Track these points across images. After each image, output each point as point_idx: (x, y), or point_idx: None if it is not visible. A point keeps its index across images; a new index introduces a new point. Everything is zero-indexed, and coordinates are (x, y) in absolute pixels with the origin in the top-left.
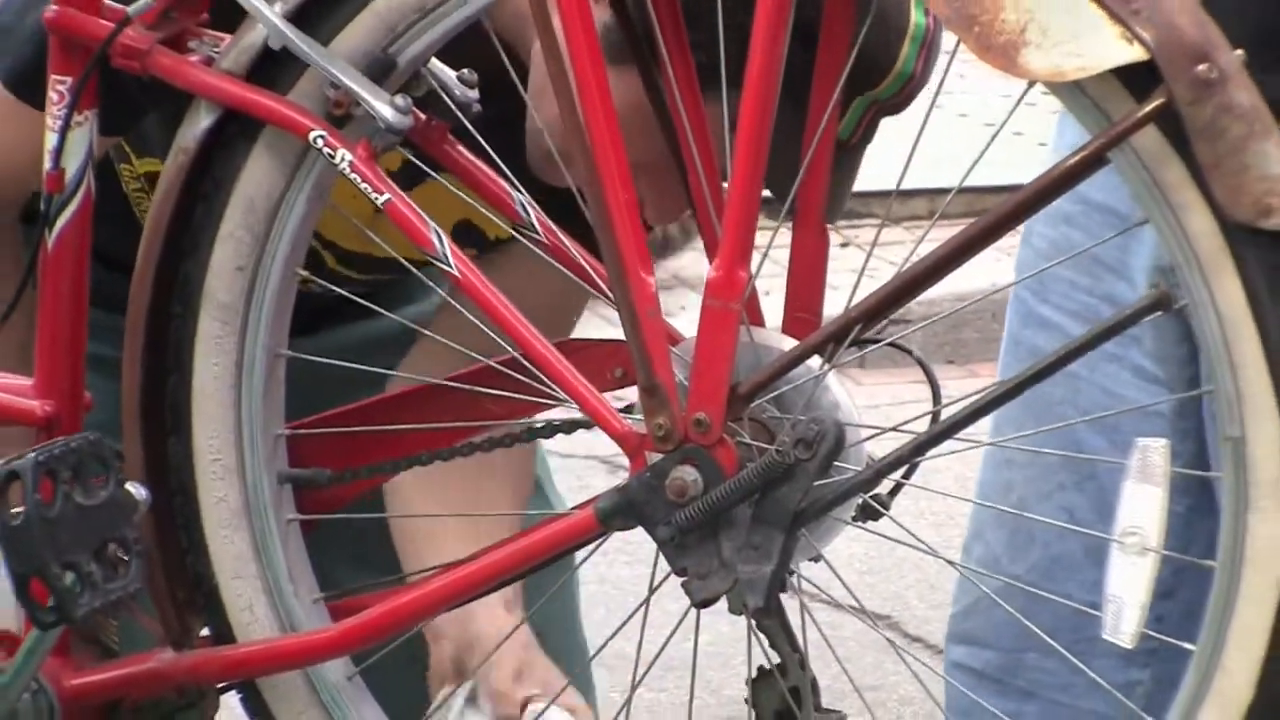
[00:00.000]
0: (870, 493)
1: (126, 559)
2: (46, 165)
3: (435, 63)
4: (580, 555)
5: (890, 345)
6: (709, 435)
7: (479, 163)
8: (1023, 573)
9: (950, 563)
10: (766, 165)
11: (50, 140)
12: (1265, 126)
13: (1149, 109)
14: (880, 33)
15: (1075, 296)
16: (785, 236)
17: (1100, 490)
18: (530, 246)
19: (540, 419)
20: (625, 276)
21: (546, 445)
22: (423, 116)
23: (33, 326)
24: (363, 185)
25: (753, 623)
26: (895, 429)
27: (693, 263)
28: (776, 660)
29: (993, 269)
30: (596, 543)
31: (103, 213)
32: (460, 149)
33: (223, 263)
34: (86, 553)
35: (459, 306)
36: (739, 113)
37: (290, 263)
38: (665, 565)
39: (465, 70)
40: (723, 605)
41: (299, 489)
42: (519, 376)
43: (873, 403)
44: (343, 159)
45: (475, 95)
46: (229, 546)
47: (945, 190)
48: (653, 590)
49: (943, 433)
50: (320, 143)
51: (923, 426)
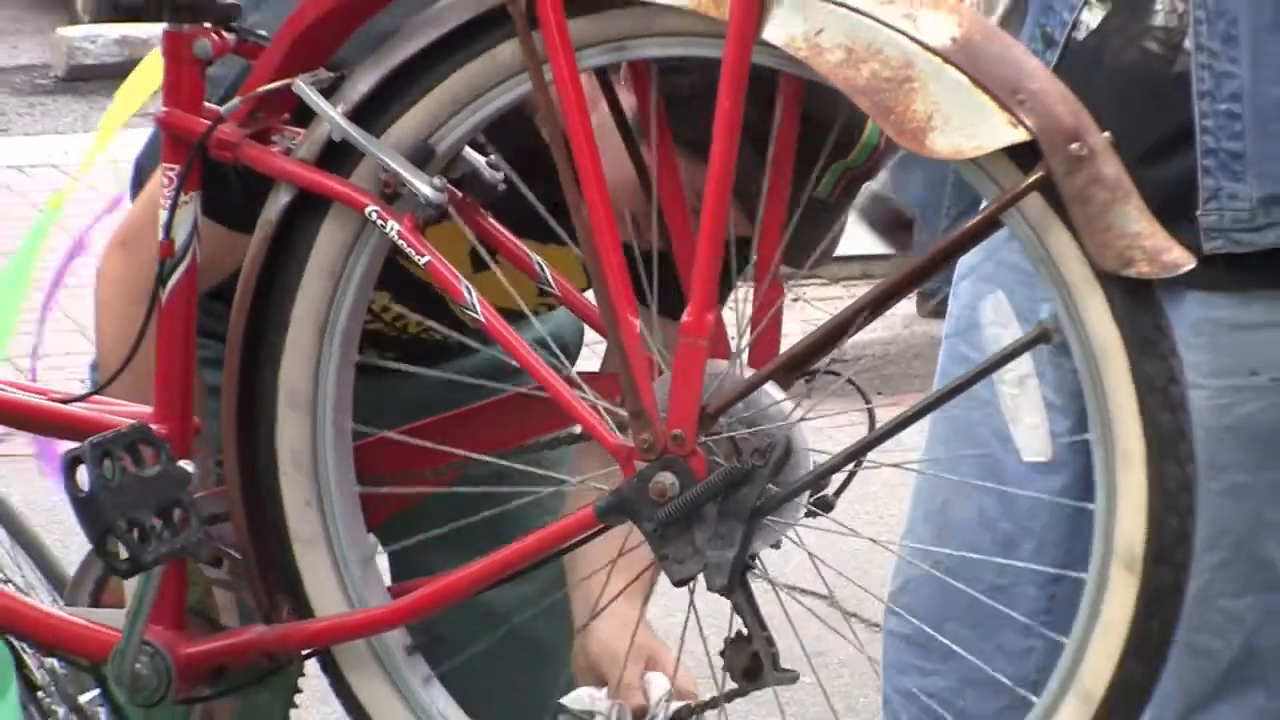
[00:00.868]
0: (817, 494)
1: (187, 519)
2: (159, 236)
3: (468, 151)
4: None
5: (829, 374)
6: (684, 447)
7: (504, 230)
8: (945, 559)
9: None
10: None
11: (162, 216)
12: (1126, 193)
13: (1032, 180)
14: (848, 109)
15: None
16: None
17: (1005, 495)
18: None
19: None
20: (618, 325)
21: None
22: (458, 194)
23: (151, 365)
24: (408, 249)
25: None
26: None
27: None
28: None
29: (910, 317)
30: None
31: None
32: (489, 219)
33: (301, 309)
34: (149, 513)
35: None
36: (703, 196)
37: (353, 312)
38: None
39: (492, 156)
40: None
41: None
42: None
43: (817, 425)
44: (392, 228)
45: (500, 177)
46: (310, 552)
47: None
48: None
49: (872, 442)
50: (374, 215)
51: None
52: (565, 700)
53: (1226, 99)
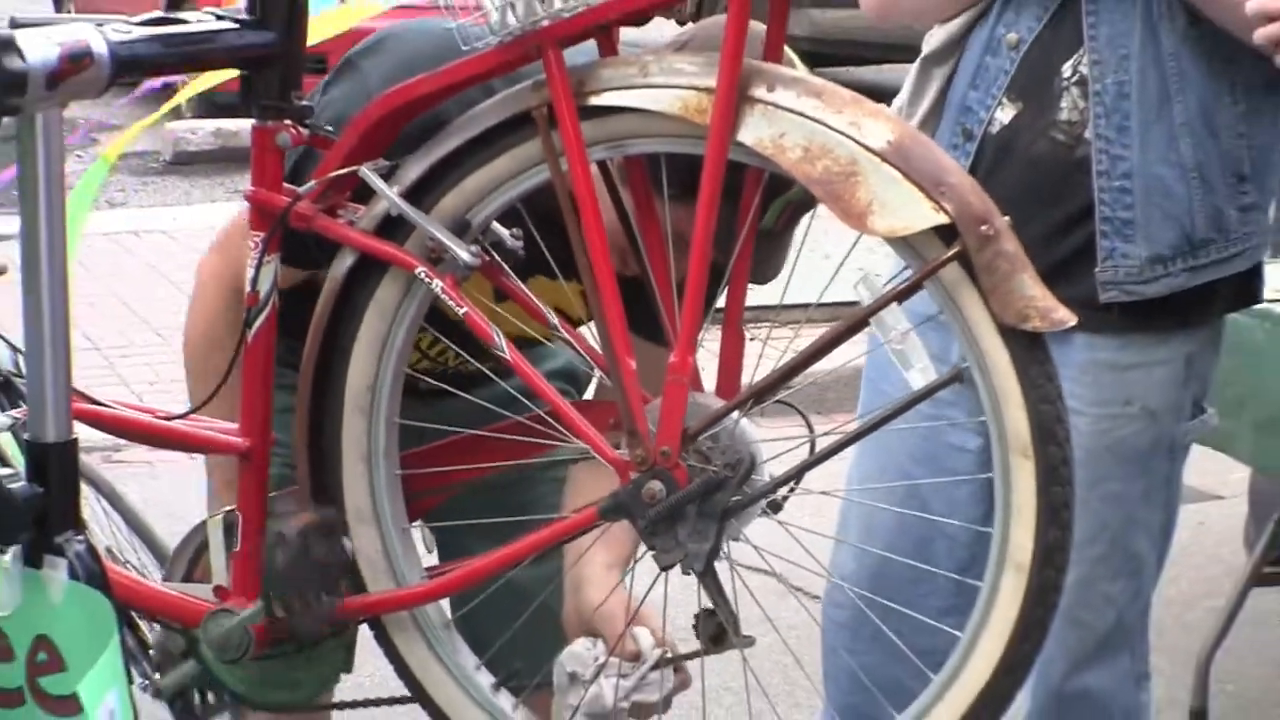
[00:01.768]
0: (771, 497)
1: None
2: (246, 288)
3: (496, 225)
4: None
5: (780, 402)
6: (670, 461)
7: (522, 287)
8: (869, 557)
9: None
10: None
11: (249, 273)
12: (1023, 265)
13: (950, 254)
14: None
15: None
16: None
17: (920, 502)
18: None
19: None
20: (618, 363)
21: None
22: (488, 257)
23: (238, 391)
24: (449, 302)
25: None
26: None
27: None
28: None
29: (849, 351)
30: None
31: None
32: (511, 278)
33: (360, 350)
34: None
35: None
36: (689, 266)
37: (402, 348)
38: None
39: (515, 230)
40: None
41: (409, 500)
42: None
43: (769, 442)
44: (436, 285)
45: (520, 245)
46: (366, 536)
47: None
48: (635, 562)
49: (814, 462)
50: (422, 275)
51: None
52: (567, 651)
53: (1120, 177)
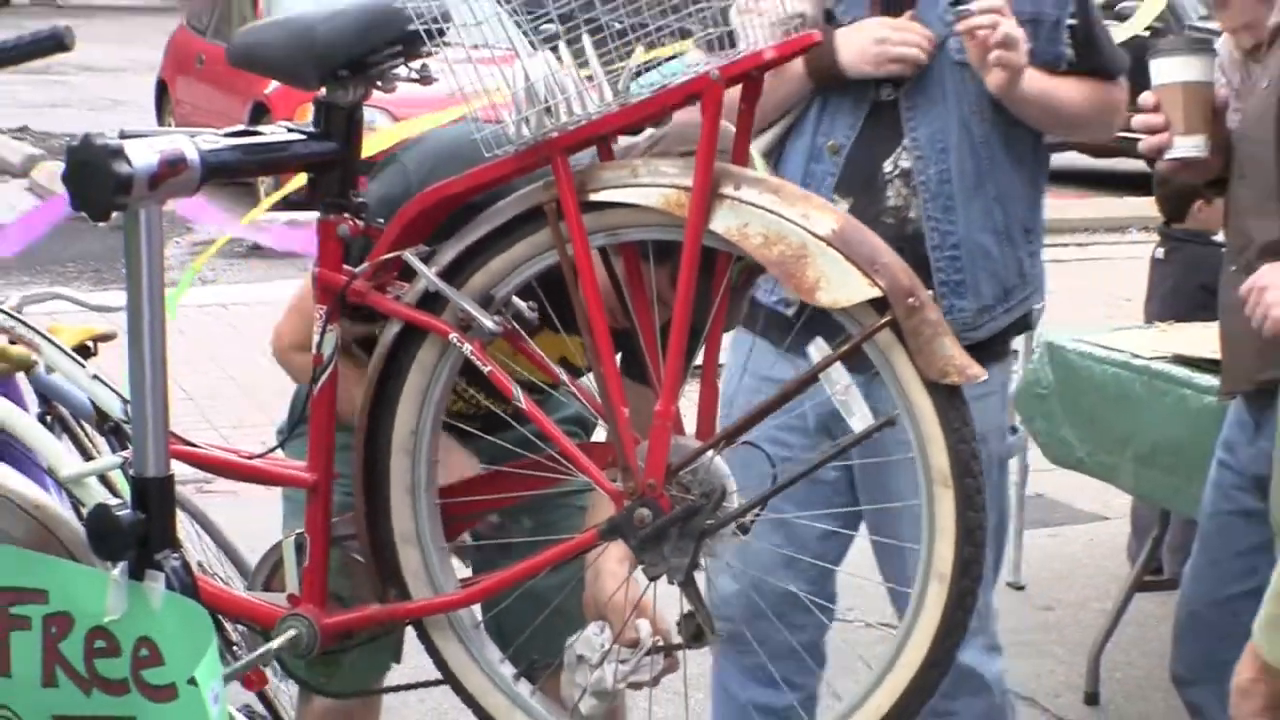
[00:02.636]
0: (740, 520)
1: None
2: (313, 351)
3: (515, 299)
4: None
5: (746, 443)
6: (656, 492)
7: (537, 350)
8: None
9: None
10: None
11: (315, 339)
12: (944, 330)
13: (883, 321)
14: None
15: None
16: None
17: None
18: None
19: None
20: (614, 414)
21: None
22: (509, 325)
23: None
24: (477, 362)
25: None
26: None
27: None
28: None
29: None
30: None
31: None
32: (528, 342)
33: (405, 402)
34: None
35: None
36: (671, 330)
37: (440, 404)
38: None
39: (531, 303)
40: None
41: (446, 523)
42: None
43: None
44: (466, 349)
45: (535, 315)
46: (410, 554)
47: None
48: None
49: (774, 492)
50: (455, 340)
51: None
52: (579, 636)
53: (950, 248)
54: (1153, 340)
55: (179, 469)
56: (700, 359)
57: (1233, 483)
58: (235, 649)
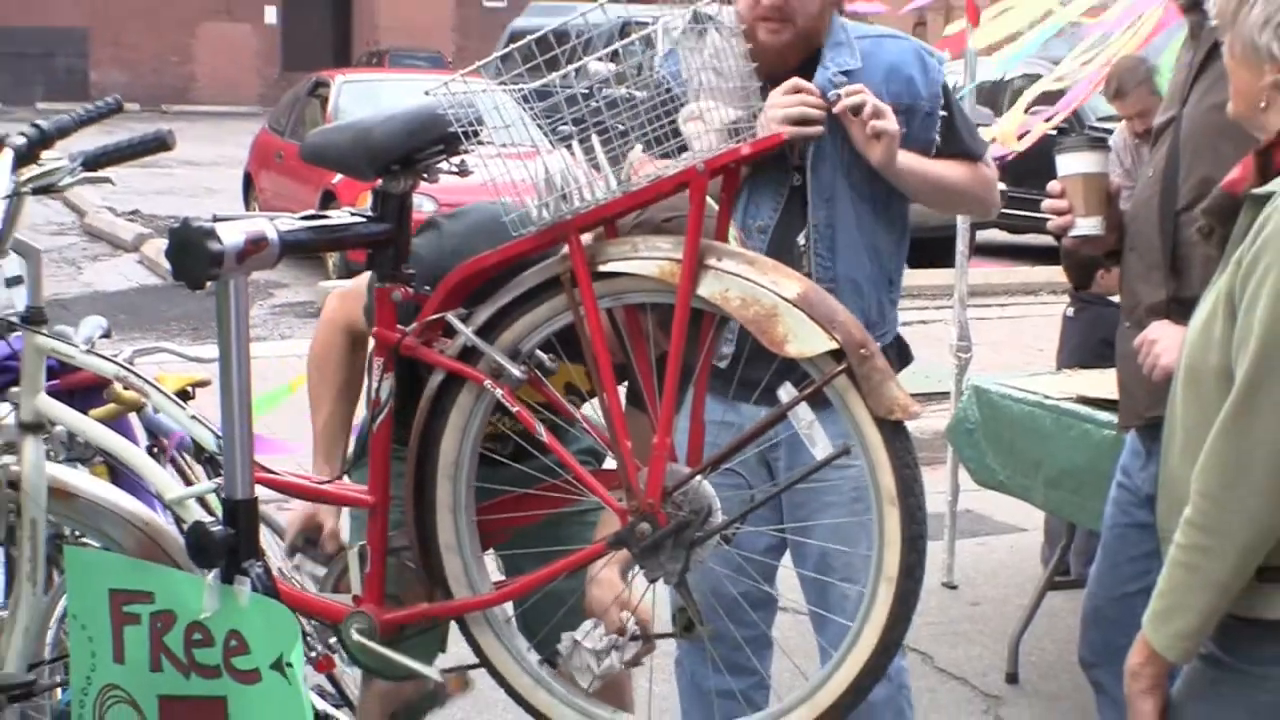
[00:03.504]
0: (723, 532)
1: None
2: (370, 396)
3: (538, 352)
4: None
5: (729, 469)
6: (654, 510)
7: (556, 393)
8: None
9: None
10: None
11: (371, 385)
12: (890, 374)
13: (840, 368)
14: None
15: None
16: None
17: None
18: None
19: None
20: (619, 447)
21: None
22: (534, 373)
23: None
24: (506, 403)
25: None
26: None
27: None
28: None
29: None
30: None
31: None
32: (548, 387)
33: (448, 437)
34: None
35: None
36: (665, 382)
37: (477, 438)
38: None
39: (551, 355)
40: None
41: (482, 537)
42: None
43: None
44: (498, 393)
45: (555, 365)
46: (452, 561)
47: None
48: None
49: (749, 510)
50: (488, 386)
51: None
52: (580, 628)
53: (828, 281)
54: (1061, 384)
55: (262, 492)
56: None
57: (1129, 500)
58: (308, 639)
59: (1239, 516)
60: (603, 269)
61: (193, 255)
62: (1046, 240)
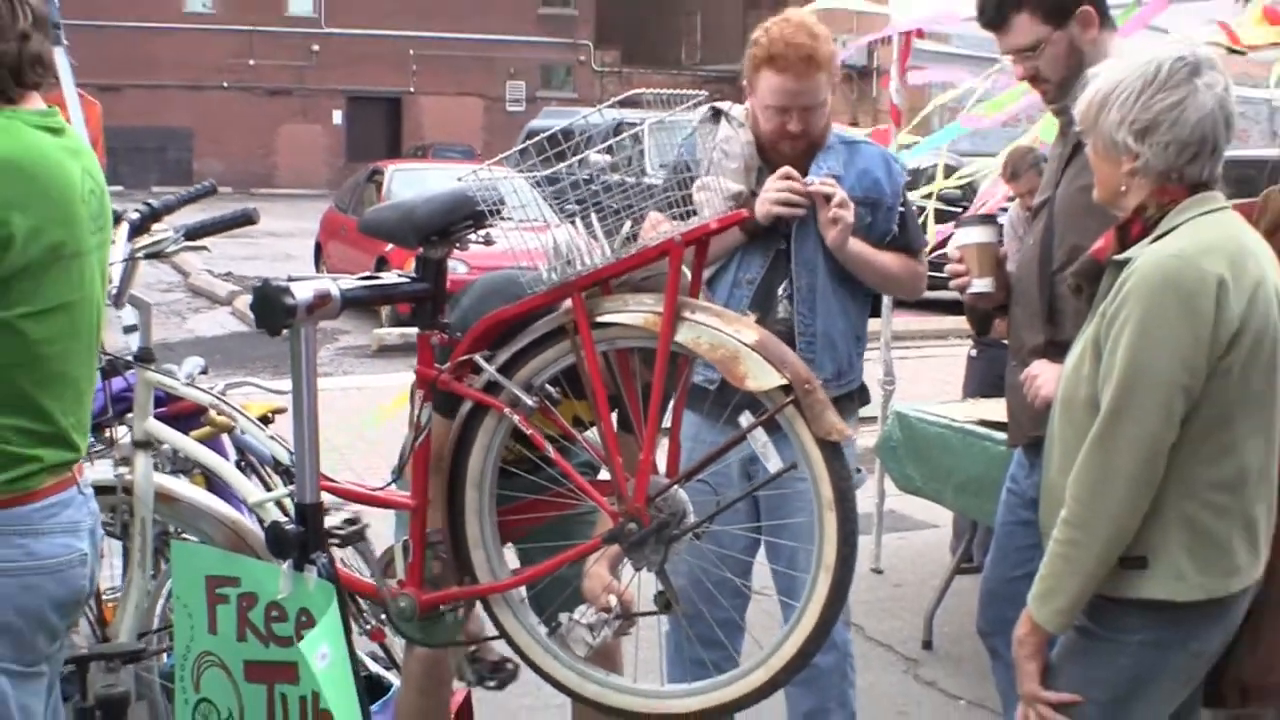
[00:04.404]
0: (695, 530)
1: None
2: (411, 420)
3: (547, 385)
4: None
5: (700, 480)
6: (640, 513)
7: (561, 420)
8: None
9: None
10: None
11: (412, 412)
12: (828, 405)
13: (789, 399)
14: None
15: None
16: None
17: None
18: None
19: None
20: (612, 461)
21: None
22: (543, 403)
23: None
24: (521, 427)
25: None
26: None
27: None
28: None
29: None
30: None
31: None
32: (556, 415)
33: (475, 454)
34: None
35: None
36: (649, 410)
37: (498, 455)
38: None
39: (559, 388)
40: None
41: (502, 534)
42: (574, 493)
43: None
44: (515, 419)
45: (559, 393)
46: (478, 554)
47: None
48: (619, 567)
49: (718, 512)
50: (507, 413)
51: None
52: (575, 611)
53: (809, 336)
54: (966, 410)
55: (326, 498)
56: (669, 422)
57: (1016, 503)
58: (364, 615)
59: (1104, 516)
60: (599, 319)
61: (272, 308)
62: (954, 295)
